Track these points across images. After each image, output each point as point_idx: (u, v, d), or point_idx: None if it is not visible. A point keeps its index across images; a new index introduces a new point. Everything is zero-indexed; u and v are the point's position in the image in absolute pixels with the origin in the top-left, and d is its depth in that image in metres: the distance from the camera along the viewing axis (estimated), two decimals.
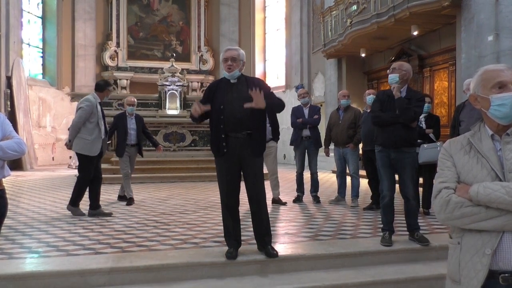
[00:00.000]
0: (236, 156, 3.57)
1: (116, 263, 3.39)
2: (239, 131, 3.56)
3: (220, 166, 3.64)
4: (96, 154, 5.44)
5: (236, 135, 3.56)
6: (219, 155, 3.61)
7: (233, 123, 3.54)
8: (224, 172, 3.61)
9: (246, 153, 3.58)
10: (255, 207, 3.67)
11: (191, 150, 11.13)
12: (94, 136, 5.41)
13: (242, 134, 3.57)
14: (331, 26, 11.98)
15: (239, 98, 3.55)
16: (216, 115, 3.58)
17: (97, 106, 5.49)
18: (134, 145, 6.67)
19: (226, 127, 3.55)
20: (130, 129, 6.57)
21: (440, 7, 8.04)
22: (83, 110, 5.40)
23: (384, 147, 4.08)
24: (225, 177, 3.61)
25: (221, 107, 3.56)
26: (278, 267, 3.56)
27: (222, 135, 3.56)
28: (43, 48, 16.71)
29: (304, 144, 6.61)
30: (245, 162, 3.60)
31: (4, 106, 12.74)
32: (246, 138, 3.58)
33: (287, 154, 16.35)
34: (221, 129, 3.56)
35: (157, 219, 5.23)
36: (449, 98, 9.73)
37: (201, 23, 19.44)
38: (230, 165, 3.59)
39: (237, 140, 3.57)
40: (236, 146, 3.57)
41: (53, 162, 15.50)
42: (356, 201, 6.24)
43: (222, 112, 3.56)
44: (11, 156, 2.40)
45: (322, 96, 14.46)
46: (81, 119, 5.39)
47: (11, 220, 5.06)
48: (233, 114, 3.54)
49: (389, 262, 3.79)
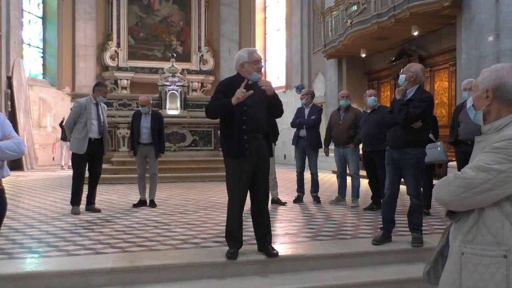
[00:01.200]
0: (255, 157, 3.61)
1: (117, 263, 3.39)
2: (259, 132, 3.65)
3: (239, 167, 3.59)
4: (83, 152, 5.67)
5: (257, 135, 3.63)
6: (240, 155, 3.57)
7: (255, 124, 3.60)
8: (244, 172, 3.59)
9: (263, 154, 3.66)
10: (262, 207, 3.70)
11: (192, 150, 11.13)
12: (82, 135, 5.69)
13: (261, 135, 3.68)
14: (332, 26, 11.98)
15: (259, 100, 3.62)
16: (239, 116, 3.57)
17: (87, 107, 5.73)
18: (147, 144, 6.37)
19: (248, 128, 3.58)
20: (143, 128, 6.37)
21: (441, 7, 8.04)
22: (71, 112, 5.85)
23: (389, 147, 4.18)
24: (244, 177, 3.60)
25: (244, 108, 3.56)
26: (278, 267, 3.57)
27: (245, 136, 3.57)
28: (44, 48, 16.72)
29: (301, 144, 6.61)
30: (260, 163, 3.64)
31: (5, 106, 12.75)
32: (263, 139, 3.69)
33: (287, 154, 16.36)
34: (243, 130, 3.56)
35: (158, 219, 5.23)
36: (449, 99, 9.72)
37: (202, 23, 19.44)
38: (249, 166, 3.59)
39: (256, 141, 3.63)
40: (256, 147, 3.62)
41: (53, 162, 15.50)
42: (356, 201, 6.24)
43: (245, 113, 3.57)
44: (10, 157, 2.40)
45: (322, 97, 14.45)
46: (69, 119, 5.81)
47: (11, 220, 5.07)
48: (255, 115, 3.60)
49: (389, 262, 3.80)
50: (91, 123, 5.71)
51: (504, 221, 1.49)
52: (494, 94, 1.60)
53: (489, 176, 1.48)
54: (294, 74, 16.59)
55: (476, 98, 1.68)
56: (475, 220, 1.55)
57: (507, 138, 1.49)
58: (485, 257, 1.49)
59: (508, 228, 1.48)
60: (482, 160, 1.52)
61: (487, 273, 1.48)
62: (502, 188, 1.47)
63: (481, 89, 1.64)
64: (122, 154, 10.37)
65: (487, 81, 1.62)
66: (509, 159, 1.47)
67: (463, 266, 1.53)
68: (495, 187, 1.47)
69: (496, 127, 1.58)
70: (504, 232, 1.48)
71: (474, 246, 1.52)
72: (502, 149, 1.49)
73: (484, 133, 1.64)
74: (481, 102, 1.65)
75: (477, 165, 1.52)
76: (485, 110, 1.64)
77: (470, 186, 1.50)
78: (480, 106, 1.66)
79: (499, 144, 1.50)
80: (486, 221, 1.52)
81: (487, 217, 1.52)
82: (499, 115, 1.60)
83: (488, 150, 1.53)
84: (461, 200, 1.52)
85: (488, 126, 1.62)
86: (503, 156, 1.48)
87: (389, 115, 4.20)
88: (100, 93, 5.86)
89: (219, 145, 11.09)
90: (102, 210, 5.86)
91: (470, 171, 1.52)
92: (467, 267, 1.52)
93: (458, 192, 1.52)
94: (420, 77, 4.11)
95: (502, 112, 1.59)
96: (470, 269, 1.52)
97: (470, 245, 1.53)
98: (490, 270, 1.47)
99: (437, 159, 5.36)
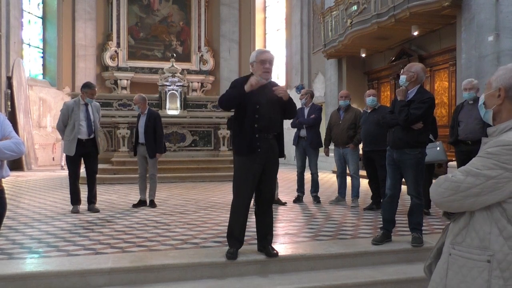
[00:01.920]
0: (264, 157, 3.61)
1: (117, 263, 3.39)
2: (270, 132, 3.67)
3: (247, 165, 3.60)
4: (72, 154, 5.71)
5: (267, 135, 3.64)
6: (250, 153, 3.59)
7: (267, 124, 3.61)
8: (251, 171, 3.60)
9: (272, 154, 3.67)
10: (266, 207, 3.72)
11: (192, 150, 11.12)
12: (71, 137, 5.71)
13: (272, 135, 3.69)
14: (331, 26, 11.98)
15: (271, 100, 3.63)
16: (251, 114, 3.59)
17: (74, 109, 5.75)
18: (144, 144, 6.32)
19: (260, 127, 3.59)
20: (139, 127, 6.38)
21: (440, 7, 8.04)
22: (60, 114, 5.89)
23: (390, 147, 4.18)
24: (251, 176, 3.60)
25: (257, 106, 3.58)
26: (278, 267, 3.57)
27: (256, 134, 3.58)
28: (44, 48, 16.72)
29: (302, 144, 6.61)
30: (269, 163, 3.65)
31: (5, 106, 12.75)
32: (274, 139, 3.70)
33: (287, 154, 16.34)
34: (256, 128, 3.58)
35: (158, 219, 5.23)
36: (449, 98, 9.72)
37: (202, 23, 19.45)
38: (258, 165, 3.60)
39: (267, 141, 3.64)
40: (266, 146, 3.62)
41: (54, 162, 15.49)
42: (356, 201, 6.24)
43: (257, 112, 3.58)
44: (9, 157, 2.40)
45: (322, 97, 14.45)
46: (59, 122, 5.86)
47: (11, 220, 5.07)
48: (268, 114, 3.60)
49: (389, 262, 3.80)
50: (79, 124, 5.73)
51: (493, 226, 1.48)
52: (507, 93, 1.56)
53: (478, 181, 1.46)
54: (294, 74, 16.59)
55: (488, 96, 1.64)
56: (466, 222, 1.54)
57: (500, 144, 1.47)
58: (470, 260, 1.49)
59: (495, 233, 1.47)
60: (473, 165, 1.51)
61: (470, 276, 1.48)
62: (491, 194, 1.45)
63: (494, 87, 1.60)
64: (122, 154, 10.37)
65: (501, 80, 1.58)
66: (500, 165, 1.45)
67: (449, 266, 1.54)
68: (483, 193, 1.46)
69: (501, 130, 1.56)
70: (491, 237, 1.47)
71: (462, 248, 1.53)
72: (495, 154, 1.46)
73: (489, 135, 1.61)
74: (493, 100, 1.61)
75: (467, 169, 1.50)
76: (496, 109, 1.60)
77: (458, 190, 1.49)
78: (491, 104, 1.62)
79: (492, 150, 1.48)
80: (475, 225, 1.51)
81: (477, 221, 1.51)
82: (509, 116, 1.57)
83: (480, 155, 1.51)
84: (449, 203, 1.52)
85: (493, 128, 1.60)
86: (494, 162, 1.45)
87: (389, 115, 4.20)
88: (87, 95, 5.84)
89: (219, 145, 11.11)
90: (102, 210, 5.86)
91: (460, 174, 1.51)
92: (453, 268, 1.53)
93: (446, 194, 1.51)
94: (421, 77, 4.09)
95: None
96: (455, 270, 1.52)
97: (458, 247, 1.54)
98: (473, 274, 1.48)
99: (436, 159, 5.36)
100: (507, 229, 1.45)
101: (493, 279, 1.43)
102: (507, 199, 1.46)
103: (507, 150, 1.44)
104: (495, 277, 1.44)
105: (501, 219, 1.47)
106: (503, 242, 1.45)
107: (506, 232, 1.45)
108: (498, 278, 1.43)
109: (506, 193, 1.45)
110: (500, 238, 1.45)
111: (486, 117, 1.67)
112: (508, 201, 1.46)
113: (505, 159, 1.44)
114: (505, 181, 1.44)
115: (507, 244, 1.44)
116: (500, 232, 1.46)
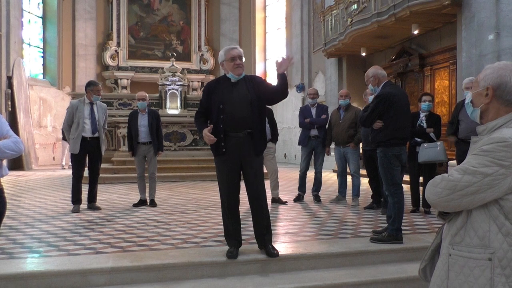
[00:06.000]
0: (236, 156, 3.57)
1: (117, 263, 3.39)
2: (240, 130, 3.55)
3: (220, 165, 3.63)
4: (77, 152, 5.77)
5: (237, 134, 3.55)
6: (218, 154, 3.60)
7: (233, 122, 3.53)
8: (225, 171, 3.60)
9: (246, 152, 3.57)
10: (255, 206, 3.66)
11: (192, 149, 11.12)
12: (76, 135, 5.79)
13: (243, 133, 3.55)
14: (332, 25, 11.97)
15: (240, 97, 3.55)
16: (216, 115, 3.56)
17: (78, 108, 5.82)
18: (146, 143, 6.31)
19: (226, 126, 3.54)
20: (140, 126, 6.31)
21: (441, 6, 8.03)
22: (66, 114, 5.98)
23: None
24: (225, 176, 3.60)
25: (220, 106, 3.54)
26: (279, 267, 3.57)
27: (221, 134, 3.54)
28: (44, 48, 16.72)
29: (311, 143, 6.61)
30: (245, 161, 3.59)
31: (5, 106, 12.75)
32: (247, 137, 3.57)
33: (287, 153, 16.35)
34: (221, 129, 3.54)
35: (158, 219, 5.23)
36: (449, 97, 9.71)
37: (202, 22, 19.44)
38: (230, 164, 3.58)
39: (237, 140, 3.55)
40: (236, 146, 3.55)
41: (54, 162, 15.50)
42: (356, 200, 6.24)
43: (222, 112, 3.54)
44: (9, 156, 2.41)
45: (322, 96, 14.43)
46: (64, 122, 5.98)
47: (11, 220, 5.07)
48: (234, 113, 3.52)
49: (389, 261, 3.80)
50: (84, 123, 5.78)
51: (491, 224, 1.47)
52: (494, 93, 1.56)
53: (475, 179, 1.46)
54: (294, 73, 16.58)
55: (475, 95, 1.64)
56: (463, 222, 1.54)
57: (495, 141, 1.46)
58: (471, 259, 1.49)
59: (494, 231, 1.47)
60: (469, 163, 1.50)
61: (472, 276, 1.47)
62: (488, 192, 1.45)
63: (482, 86, 1.60)
64: (122, 153, 10.36)
65: (489, 79, 1.58)
66: (496, 162, 1.44)
67: (450, 268, 1.53)
68: (480, 190, 1.46)
69: (491, 128, 1.56)
70: (491, 235, 1.47)
71: (461, 248, 1.52)
72: (490, 152, 1.46)
73: (479, 133, 1.61)
74: (480, 99, 1.61)
75: (463, 168, 1.50)
76: (483, 108, 1.61)
77: (455, 189, 1.48)
78: (479, 103, 1.62)
79: (487, 147, 1.47)
80: (473, 224, 1.51)
81: (475, 220, 1.51)
82: (496, 114, 1.57)
83: (476, 153, 1.51)
84: (446, 202, 1.51)
85: (483, 126, 1.60)
86: (490, 159, 1.45)
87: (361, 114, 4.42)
88: (93, 92, 5.87)
89: None
90: (102, 210, 5.87)
91: (457, 173, 1.50)
92: (454, 269, 1.52)
93: (444, 194, 1.51)
94: (379, 75, 4.16)
95: (500, 112, 1.56)
96: (456, 271, 1.51)
97: (457, 247, 1.53)
98: (475, 273, 1.47)
99: (436, 158, 5.35)
100: (506, 226, 1.46)
101: (495, 276, 1.43)
102: (503, 196, 1.46)
103: (502, 146, 1.44)
104: (497, 274, 1.43)
105: (499, 216, 1.47)
106: (502, 239, 1.45)
107: (505, 229, 1.46)
108: (500, 275, 1.43)
109: (503, 190, 1.45)
110: (499, 235, 1.46)
111: (473, 116, 1.67)
112: (505, 197, 1.46)
113: (501, 155, 1.44)
114: (501, 178, 1.44)
115: (506, 240, 1.45)
116: (499, 229, 1.46)
